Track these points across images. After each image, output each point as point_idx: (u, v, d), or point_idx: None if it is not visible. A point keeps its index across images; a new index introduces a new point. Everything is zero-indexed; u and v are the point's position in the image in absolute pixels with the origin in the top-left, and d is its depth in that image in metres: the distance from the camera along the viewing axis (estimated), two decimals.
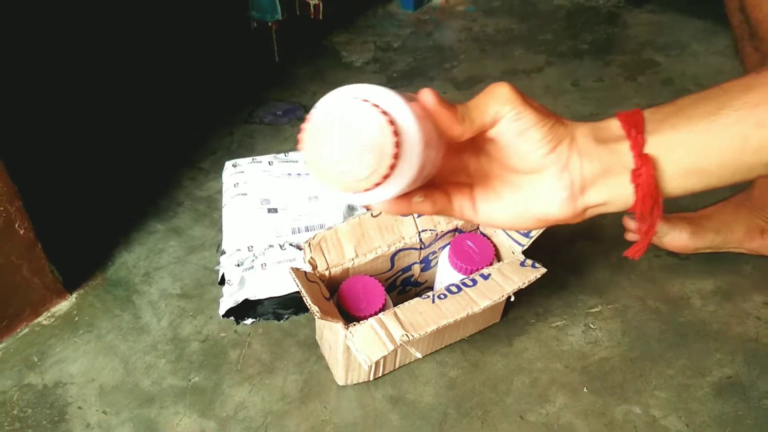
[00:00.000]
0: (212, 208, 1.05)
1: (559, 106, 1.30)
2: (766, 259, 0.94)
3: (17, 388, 0.78)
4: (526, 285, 0.73)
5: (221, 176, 1.01)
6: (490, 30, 1.61)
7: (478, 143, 0.40)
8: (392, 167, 0.32)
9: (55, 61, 1.23)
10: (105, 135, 1.21)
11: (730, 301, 0.89)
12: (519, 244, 0.79)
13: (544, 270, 0.75)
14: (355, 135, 0.31)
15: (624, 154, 0.37)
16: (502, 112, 0.36)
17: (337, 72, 1.44)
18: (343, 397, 0.77)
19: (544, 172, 0.38)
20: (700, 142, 0.36)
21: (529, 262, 0.76)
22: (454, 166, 0.41)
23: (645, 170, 0.37)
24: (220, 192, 1.03)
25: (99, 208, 1.04)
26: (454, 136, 0.36)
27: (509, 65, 1.45)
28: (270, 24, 1.40)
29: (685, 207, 0.95)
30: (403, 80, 1.41)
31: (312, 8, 1.47)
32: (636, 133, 0.37)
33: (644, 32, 1.58)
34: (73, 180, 1.09)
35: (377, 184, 0.32)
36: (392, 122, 0.31)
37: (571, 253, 0.97)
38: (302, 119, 0.77)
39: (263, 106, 1.31)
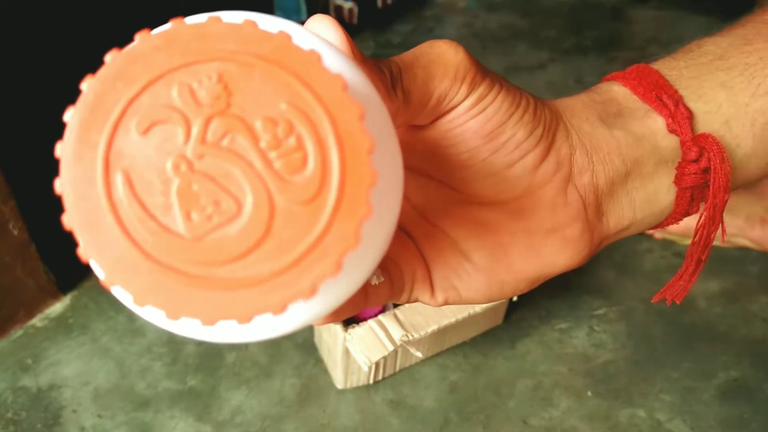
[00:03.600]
0: None
1: None
2: None
3: (11, 390, 0.77)
4: None
5: None
6: (492, 26, 1.59)
7: (404, 154, 0.21)
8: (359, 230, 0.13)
9: (48, 57, 1.21)
10: None
11: (736, 302, 0.88)
12: None
13: None
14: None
15: (658, 138, 0.23)
16: (457, 96, 0.20)
17: None
18: (342, 400, 0.76)
19: (537, 195, 0.22)
20: None
21: None
22: None
23: (714, 160, 0.22)
24: None
25: None
26: None
27: (511, 62, 1.44)
28: None
29: None
30: None
31: (347, 12, 1.44)
32: (672, 101, 0.22)
33: (649, 28, 1.56)
34: None
35: (314, 290, 0.13)
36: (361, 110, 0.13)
37: None
38: None
39: None
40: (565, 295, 0.89)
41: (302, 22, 0.19)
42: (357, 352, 0.64)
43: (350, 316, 0.20)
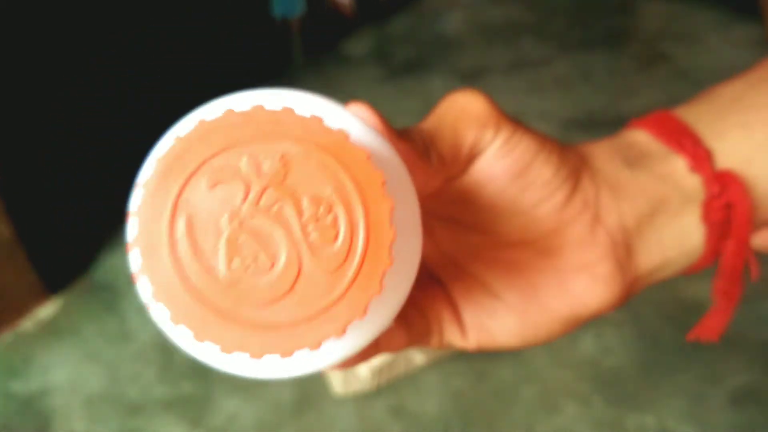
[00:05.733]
0: None
1: (570, 100, 1.27)
2: None
3: (1, 396, 0.76)
4: None
5: None
6: (497, 19, 1.57)
7: (433, 203, 0.23)
8: (383, 275, 0.16)
9: (38, 62, 1.19)
10: (93, 132, 1.17)
11: (747, 305, 0.86)
12: None
13: None
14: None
15: (681, 177, 0.24)
16: (483, 141, 0.21)
17: (334, 63, 1.40)
18: (341, 407, 0.74)
19: (565, 234, 0.23)
20: None
21: None
22: None
23: (735, 194, 0.23)
24: None
25: (85, 207, 1.01)
26: (419, 188, 0.20)
27: (516, 56, 1.41)
28: (289, 20, 1.35)
29: None
30: (404, 72, 1.37)
31: (345, 6, 1.42)
32: (690, 142, 0.24)
33: (658, 22, 1.54)
34: (58, 178, 1.06)
35: (345, 328, 0.16)
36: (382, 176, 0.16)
37: None
38: None
39: None
40: None
41: (300, 16, 0.21)
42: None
43: (360, 363, 0.22)
